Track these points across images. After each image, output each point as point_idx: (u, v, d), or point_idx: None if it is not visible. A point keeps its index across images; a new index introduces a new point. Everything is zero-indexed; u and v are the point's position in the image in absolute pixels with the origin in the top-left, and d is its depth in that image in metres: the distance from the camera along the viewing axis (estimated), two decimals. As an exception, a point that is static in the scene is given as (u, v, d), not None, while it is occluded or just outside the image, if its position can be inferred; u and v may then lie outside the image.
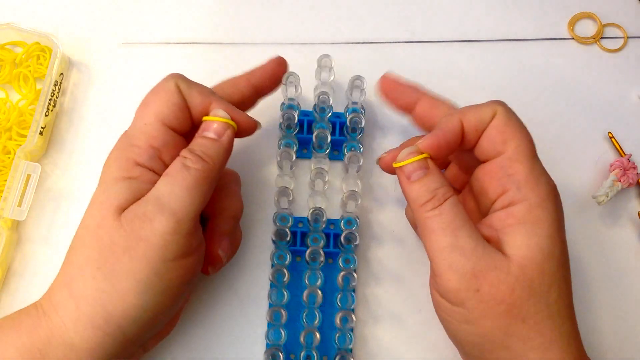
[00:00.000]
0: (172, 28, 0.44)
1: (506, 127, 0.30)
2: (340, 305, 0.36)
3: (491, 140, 0.30)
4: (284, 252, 0.36)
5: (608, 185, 0.39)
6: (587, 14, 0.45)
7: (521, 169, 0.30)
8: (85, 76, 0.42)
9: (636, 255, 0.40)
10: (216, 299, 0.38)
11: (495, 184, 0.30)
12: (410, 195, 0.31)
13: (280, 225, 0.37)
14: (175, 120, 0.31)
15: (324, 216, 0.36)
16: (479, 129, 0.31)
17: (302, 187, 0.40)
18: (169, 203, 0.29)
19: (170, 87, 0.32)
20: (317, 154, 0.38)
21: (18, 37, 0.42)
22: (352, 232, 0.36)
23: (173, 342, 0.37)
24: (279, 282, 0.36)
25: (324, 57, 0.38)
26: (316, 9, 0.44)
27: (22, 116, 0.40)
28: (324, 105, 0.38)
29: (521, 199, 0.29)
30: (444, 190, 0.30)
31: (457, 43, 0.44)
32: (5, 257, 0.38)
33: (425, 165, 0.31)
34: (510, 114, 0.31)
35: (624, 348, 0.38)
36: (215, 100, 0.32)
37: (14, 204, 0.37)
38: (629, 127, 0.42)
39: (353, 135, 0.39)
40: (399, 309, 0.38)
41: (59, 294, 0.29)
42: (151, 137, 0.31)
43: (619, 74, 0.44)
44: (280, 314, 0.35)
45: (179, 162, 0.30)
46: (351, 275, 0.36)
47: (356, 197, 0.36)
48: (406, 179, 0.31)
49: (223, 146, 0.31)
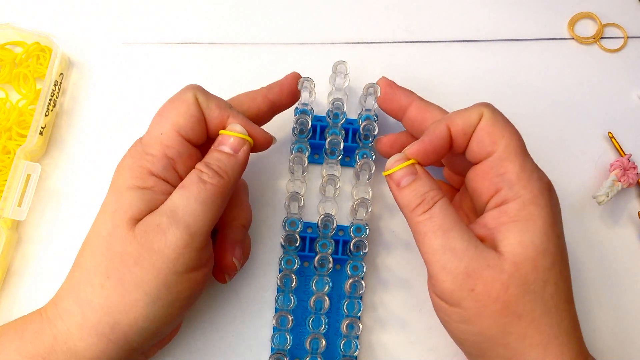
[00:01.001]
0: (172, 28, 0.44)
1: (494, 128, 0.30)
2: (346, 312, 0.36)
3: (480, 142, 0.31)
4: (292, 257, 0.36)
5: (608, 185, 0.39)
6: (587, 14, 0.45)
7: (512, 167, 0.30)
8: (85, 76, 0.42)
9: (636, 255, 0.40)
10: (223, 302, 0.38)
11: (487, 184, 0.30)
12: (401, 201, 0.31)
13: (290, 230, 0.37)
14: (191, 131, 0.31)
15: (333, 223, 0.36)
16: (467, 132, 0.31)
17: (313, 192, 0.40)
18: (184, 216, 0.29)
19: (189, 98, 0.32)
20: (329, 159, 0.38)
21: (18, 37, 0.42)
22: (361, 240, 0.36)
23: (178, 345, 0.37)
24: (287, 287, 0.36)
25: (340, 63, 0.38)
26: (316, 10, 0.44)
27: (22, 116, 0.40)
28: (338, 111, 0.38)
29: (514, 197, 0.29)
30: (433, 194, 0.30)
31: (457, 43, 0.44)
32: (5, 257, 0.38)
33: (414, 170, 0.31)
34: (497, 115, 0.31)
35: (624, 348, 0.38)
36: (233, 115, 0.32)
37: (14, 204, 0.37)
38: (629, 127, 0.42)
39: (365, 143, 0.39)
40: (406, 316, 0.38)
41: (66, 301, 0.29)
42: (166, 147, 0.31)
43: (619, 74, 0.44)
44: (286, 318, 0.35)
45: (195, 175, 0.30)
46: (359, 282, 0.36)
47: (367, 205, 0.36)
48: (396, 186, 0.31)
49: (239, 162, 0.31)
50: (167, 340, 0.35)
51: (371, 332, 0.38)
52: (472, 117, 0.31)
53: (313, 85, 0.37)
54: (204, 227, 0.29)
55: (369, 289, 0.38)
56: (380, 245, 0.39)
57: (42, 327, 0.29)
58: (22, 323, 0.30)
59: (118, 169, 0.31)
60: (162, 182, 0.30)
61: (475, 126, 0.31)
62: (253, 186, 0.39)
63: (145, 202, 0.30)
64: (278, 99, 0.35)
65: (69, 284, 0.30)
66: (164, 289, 0.29)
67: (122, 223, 0.29)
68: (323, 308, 0.35)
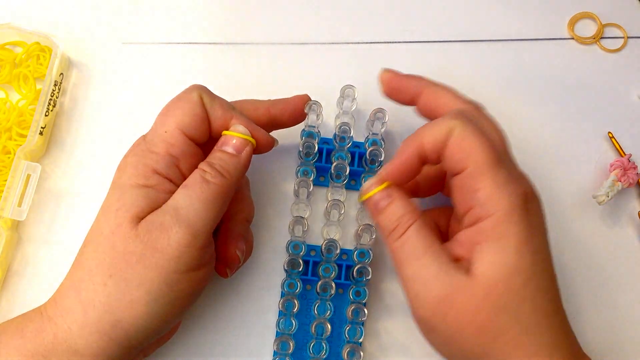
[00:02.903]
0: (173, 28, 0.44)
1: (463, 143, 0.29)
2: (348, 337, 0.36)
3: (451, 158, 0.30)
4: (294, 281, 0.36)
5: (608, 185, 0.39)
6: (587, 14, 0.45)
7: (484, 184, 0.29)
8: (85, 76, 0.42)
9: (636, 255, 0.40)
10: (224, 323, 0.38)
11: (461, 199, 0.30)
12: (380, 226, 0.31)
13: (293, 253, 0.37)
14: (195, 130, 0.31)
15: (337, 248, 0.36)
16: (437, 148, 0.30)
17: (318, 214, 0.40)
18: (187, 215, 0.29)
19: (194, 97, 0.32)
20: (334, 183, 0.38)
21: (18, 37, 0.42)
22: (365, 267, 0.36)
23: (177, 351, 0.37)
24: (288, 311, 0.35)
25: (348, 88, 0.38)
26: (315, 10, 0.44)
27: (22, 116, 0.40)
28: (345, 135, 0.38)
29: (486, 215, 0.29)
30: (407, 217, 0.30)
31: (457, 43, 0.44)
32: (5, 257, 0.38)
33: (389, 194, 0.31)
34: (467, 127, 0.29)
35: (623, 348, 0.38)
36: (236, 116, 0.32)
37: (14, 204, 0.37)
38: (629, 127, 0.42)
39: (372, 167, 0.38)
40: (409, 343, 0.38)
41: (67, 299, 0.29)
42: (170, 145, 0.31)
43: (619, 74, 0.44)
44: (287, 344, 0.35)
45: (198, 174, 0.30)
46: (361, 309, 0.36)
47: (371, 231, 0.36)
48: (375, 210, 0.31)
49: (241, 162, 0.32)
50: (166, 338, 0.35)
51: (372, 358, 0.37)
52: (441, 133, 0.30)
53: (321, 108, 0.37)
54: (206, 226, 0.29)
55: (372, 315, 0.38)
56: (384, 270, 0.39)
57: (42, 326, 0.29)
58: (22, 321, 0.30)
59: (120, 166, 0.31)
60: (165, 180, 0.30)
61: (446, 142, 0.30)
62: (257, 207, 0.38)
63: (148, 200, 0.30)
64: (280, 115, 0.35)
65: (70, 282, 0.30)
66: (165, 287, 0.29)
67: (125, 221, 0.29)
68: (324, 333, 0.35)
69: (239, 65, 0.43)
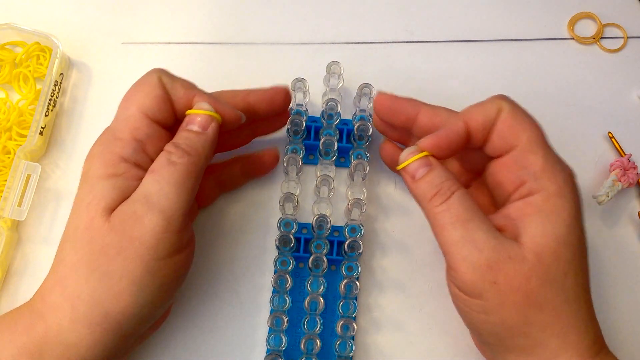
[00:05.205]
0: (172, 28, 0.44)
1: (514, 121, 0.30)
2: (341, 312, 0.36)
3: (501, 136, 0.31)
4: (287, 258, 0.36)
5: (608, 185, 0.39)
6: (587, 14, 0.45)
7: (536, 160, 0.30)
8: (85, 76, 0.42)
9: (636, 255, 0.40)
10: (218, 303, 0.38)
11: (511, 177, 0.30)
12: (417, 193, 0.31)
13: (285, 231, 0.37)
14: (158, 112, 0.31)
15: (328, 223, 0.36)
16: (487, 127, 0.31)
17: (308, 193, 0.40)
18: (158, 201, 0.29)
19: (153, 80, 0.32)
20: (323, 160, 0.38)
21: (18, 37, 0.42)
22: (356, 240, 0.36)
23: (172, 346, 0.37)
24: (281, 288, 0.36)
25: (333, 64, 0.38)
26: (316, 9, 0.44)
27: (22, 116, 0.40)
28: (332, 112, 0.38)
29: (539, 189, 0.29)
30: (450, 184, 0.30)
31: (457, 43, 0.44)
32: (5, 257, 0.38)
33: (428, 162, 0.31)
34: (516, 107, 0.31)
35: (623, 348, 0.38)
36: (199, 94, 0.32)
37: (14, 204, 0.37)
38: (629, 127, 0.42)
39: (360, 143, 0.39)
40: (401, 317, 0.38)
41: (53, 295, 0.29)
42: (134, 129, 0.31)
43: (619, 74, 0.44)
44: (281, 319, 0.35)
45: (164, 157, 0.30)
46: (353, 283, 0.36)
47: (361, 205, 0.36)
48: (411, 179, 0.31)
49: (208, 139, 0.31)
50: (160, 322, 0.35)
51: (366, 332, 0.37)
52: (491, 111, 0.31)
53: (307, 86, 0.37)
54: (180, 209, 0.29)
55: (364, 290, 0.38)
56: (375, 246, 0.39)
57: (32, 322, 0.29)
58: (14, 316, 0.30)
59: (88, 158, 0.31)
60: (134, 167, 0.30)
61: (495, 120, 0.31)
62: (247, 187, 0.39)
63: (118, 190, 0.29)
64: (257, 103, 0.35)
65: (53, 278, 0.30)
66: (148, 276, 0.28)
67: (97, 215, 0.29)
68: (318, 309, 0.35)
69: (239, 65, 0.43)
